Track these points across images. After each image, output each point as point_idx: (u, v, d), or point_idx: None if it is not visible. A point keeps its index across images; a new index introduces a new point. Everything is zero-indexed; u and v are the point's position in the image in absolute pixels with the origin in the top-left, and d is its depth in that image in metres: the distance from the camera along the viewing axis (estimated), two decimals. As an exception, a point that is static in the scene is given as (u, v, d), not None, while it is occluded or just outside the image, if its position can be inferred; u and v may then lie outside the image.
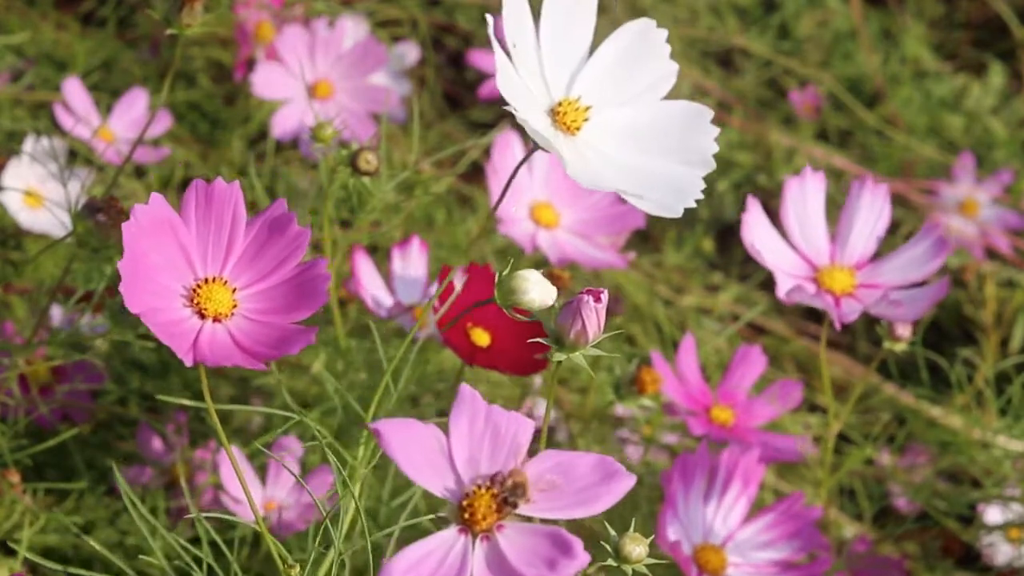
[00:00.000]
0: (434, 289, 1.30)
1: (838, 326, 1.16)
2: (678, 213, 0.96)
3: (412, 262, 1.32)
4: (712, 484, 1.29)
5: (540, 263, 1.49)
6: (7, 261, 1.53)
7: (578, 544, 0.77)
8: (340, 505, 1.07)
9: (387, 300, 1.30)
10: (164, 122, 1.56)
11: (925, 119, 2.04)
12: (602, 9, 1.05)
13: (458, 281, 1.21)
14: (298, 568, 0.90)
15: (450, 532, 0.79)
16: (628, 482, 0.80)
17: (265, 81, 1.62)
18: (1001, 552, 1.56)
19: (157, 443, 1.36)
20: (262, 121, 1.73)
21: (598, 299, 0.89)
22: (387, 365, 1.25)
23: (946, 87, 2.09)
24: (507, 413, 0.82)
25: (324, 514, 0.98)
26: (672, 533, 1.25)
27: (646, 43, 1.03)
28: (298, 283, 0.85)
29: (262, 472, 1.28)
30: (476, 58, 1.78)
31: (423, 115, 1.87)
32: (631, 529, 0.90)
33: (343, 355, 1.30)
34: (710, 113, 1.02)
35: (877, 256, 1.23)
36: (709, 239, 1.87)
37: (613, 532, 0.91)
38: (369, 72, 1.64)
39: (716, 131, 1.01)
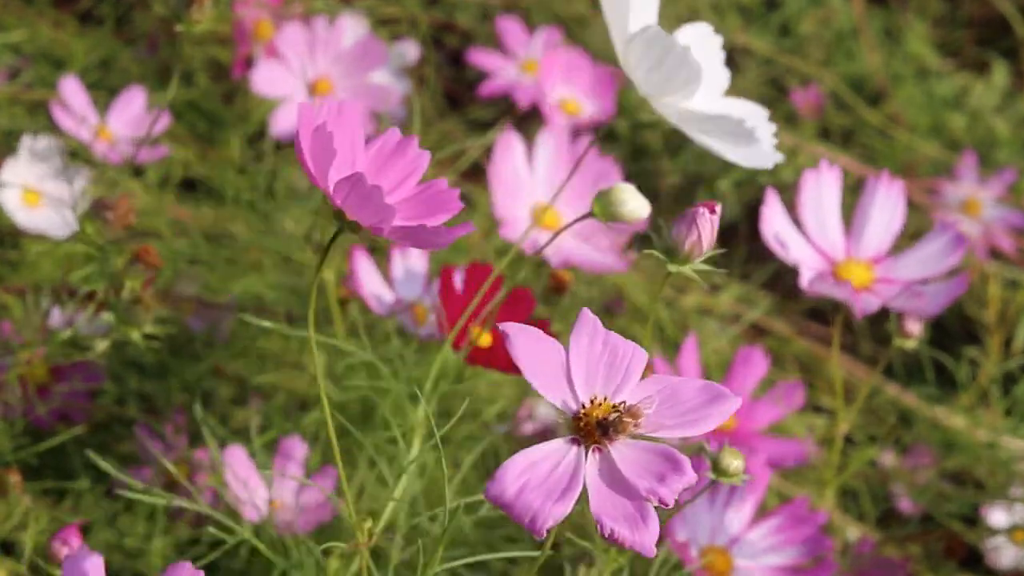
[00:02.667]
0: (434, 288, 1.29)
1: (859, 316, 1.17)
2: (769, 163, 1.01)
3: (412, 261, 1.31)
4: (717, 487, 1.28)
5: (541, 263, 1.48)
6: (5, 261, 1.52)
7: (687, 461, 0.80)
8: (340, 506, 1.06)
9: (387, 299, 1.30)
10: (163, 121, 1.55)
11: (928, 118, 2.04)
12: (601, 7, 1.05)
13: (458, 280, 1.20)
14: (370, 520, 0.92)
15: (564, 441, 0.81)
16: (734, 403, 0.83)
17: (265, 79, 1.61)
18: (1005, 554, 1.55)
19: (156, 444, 1.36)
20: (261, 119, 1.73)
21: (713, 211, 0.93)
22: (387, 365, 1.25)
23: (949, 86, 2.08)
24: (625, 341, 0.85)
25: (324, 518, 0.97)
26: (679, 535, 1.25)
27: (705, 46, 1.08)
28: (425, 197, 0.88)
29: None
30: (476, 57, 1.77)
31: (423, 114, 1.86)
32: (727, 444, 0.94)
33: (343, 355, 1.29)
34: (767, 113, 1.07)
35: (893, 252, 1.24)
36: (710, 239, 1.86)
37: (711, 448, 0.95)
38: (369, 70, 1.64)
39: (773, 127, 1.06)
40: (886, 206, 1.24)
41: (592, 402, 0.82)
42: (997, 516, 1.56)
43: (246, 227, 1.53)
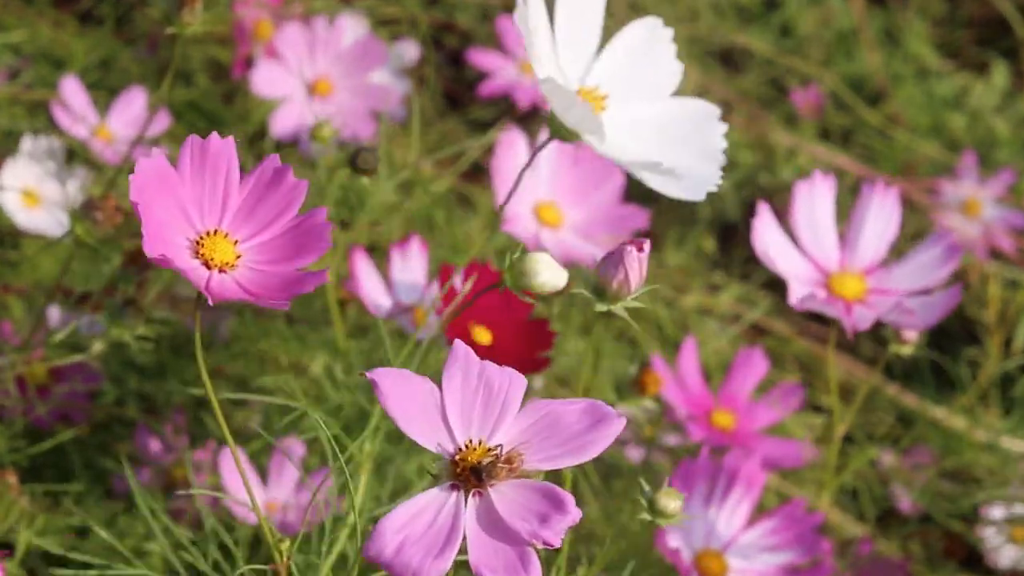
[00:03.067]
0: (434, 289, 1.29)
1: (850, 334, 1.16)
2: (701, 196, 0.98)
3: (412, 262, 1.31)
4: (713, 489, 1.28)
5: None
6: (4, 261, 1.52)
7: (570, 499, 0.77)
8: (342, 501, 1.06)
9: (387, 300, 1.30)
10: (162, 121, 1.55)
11: (928, 118, 2.03)
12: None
13: (458, 280, 1.20)
14: (287, 542, 0.90)
15: (442, 489, 0.79)
16: (617, 425, 0.80)
17: (265, 79, 1.61)
18: (1005, 554, 1.55)
19: (155, 444, 1.36)
20: (261, 120, 1.72)
21: (640, 248, 0.90)
22: (388, 365, 1.25)
23: (949, 86, 2.08)
24: (500, 369, 0.82)
25: (325, 514, 0.98)
26: (673, 538, 1.24)
27: (654, 42, 1.06)
28: (299, 232, 0.85)
29: (262, 473, 1.28)
30: (476, 57, 1.77)
31: (423, 114, 1.86)
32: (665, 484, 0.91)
33: (342, 356, 1.29)
34: (717, 111, 1.04)
35: (887, 261, 1.23)
36: (710, 239, 1.86)
37: (647, 487, 0.92)
38: (369, 70, 1.64)
39: (724, 128, 1.03)
40: (880, 215, 1.24)
41: (468, 445, 0.79)
42: (996, 516, 1.56)
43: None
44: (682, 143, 1.03)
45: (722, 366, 1.61)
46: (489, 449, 0.79)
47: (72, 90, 1.53)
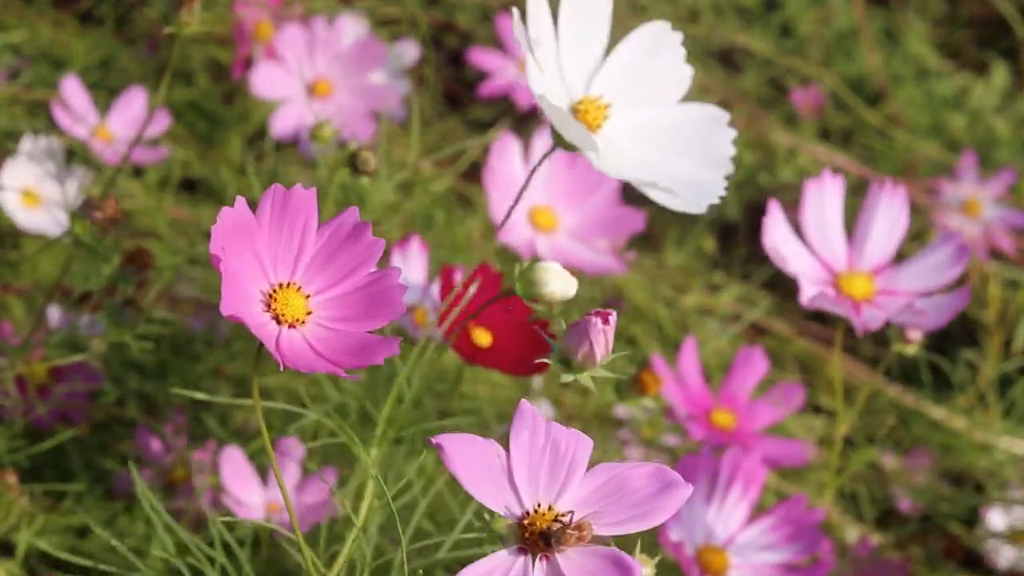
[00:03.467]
0: (434, 289, 1.29)
1: (860, 333, 1.16)
2: (702, 209, 0.96)
3: (412, 262, 1.31)
4: (714, 486, 1.28)
5: (538, 259, 1.48)
6: (4, 261, 1.52)
7: (637, 566, 0.77)
8: (345, 504, 1.06)
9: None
10: (162, 121, 1.55)
11: (927, 118, 2.03)
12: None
13: (460, 281, 1.20)
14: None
15: (510, 552, 0.79)
16: (686, 492, 0.80)
17: (264, 80, 1.61)
18: (1004, 555, 1.55)
19: (156, 444, 1.35)
20: (261, 120, 1.72)
21: (606, 321, 0.88)
22: (387, 366, 1.25)
23: (948, 86, 2.08)
24: (566, 430, 0.81)
25: (333, 516, 0.98)
26: (674, 534, 1.25)
27: (661, 46, 1.04)
28: (371, 292, 0.84)
29: (262, 473, 1.28)
30: (476, 57, 1.77)
31: (422, 114, 1.86)
32: (636, 549, 0.90)
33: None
34: (726, 116, 1.02)
35: (895, 261, 1.23)
36: (710, 239, 1.86)
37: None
38: (368, 71, 1.64)
39: (733, 134, 1.02)
40: (888, 215, 1.23)
41: (536, 509, 0.79)
42: (996, 517, 1.56)
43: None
44: (688, 150, 1.01)
45: (722, 366, 1.61)
46: (558, 515, 0.79)
47: (72, 90, 1.52)
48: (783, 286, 1.84)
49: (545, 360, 0.91)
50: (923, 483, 1.57)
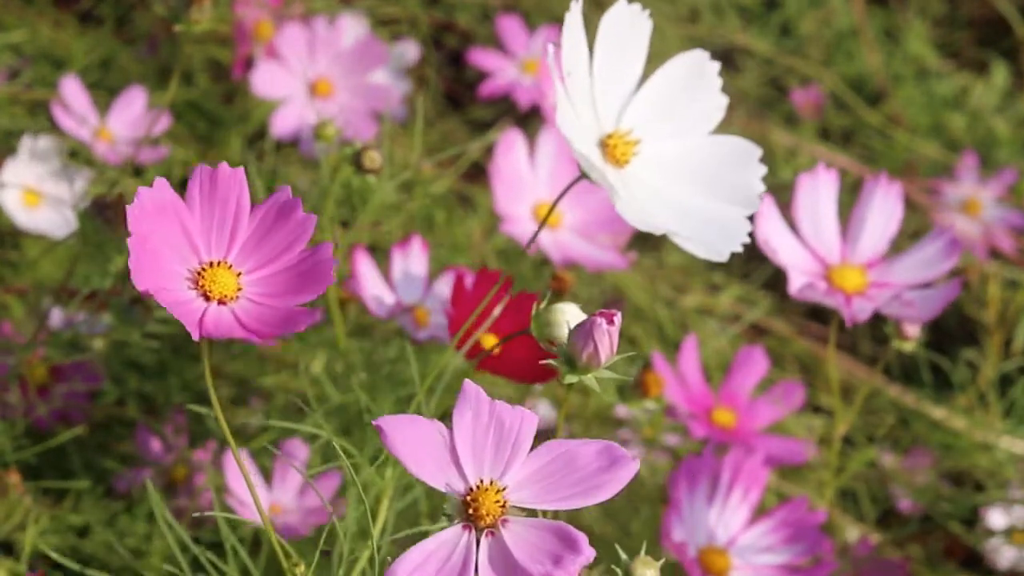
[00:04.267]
0: (435, 289, 1.29)
1: (849, 324, 1.16)
2: (724, 257, 0.95)
3: (413, 262, 1.31)
4: (716, 487, 1.28)
5: (542, 263, 1.48)
6: (5, 261, 1.52)
7: (583, 539, 0.77)
8: (346, 502, 1.06)
9: (388, 300, 1.30)
10: (163, 121, 1.55)
11: (928, 118, 2.03)
12: (601, 7, 1.04)
13: (468, 285, 1.20)
14: (303, 567, 0.90)
15: (454, 529, 0.79)
16: (632, 468, 0.80)
17: (265, 79, 1.61)
18: (1004, 555, 1.55)
19: (156, 444, 1.36)
20: (261, 120, 1.72)
21: (611, 321, 0.88)
22: (387, 366, 1.25)
23: (949, 86, 2.08)
24: (511, 408, 0.82)
25: (330, 517, 0.98)
26: (677, 535, 1.25)
27: (698, 75, 1.02)
28: (304, 268, 0.85)
29: (265, 474, 1.28)
30: (476, 57, 1.77)
31: (423, 114, 1.86)
32: (641, 551, 0.90)
33: (343, 356, 1.29)
34: (758, 151, 1.01)
35: (888, 255, 1.23)
36: (710, 239, 1.86)
37: (624, 555, 0.91)
38: (369, 70, 1.64)
39: (763, 170, 1.00)
40: (883, 209, 1.24)
41: (479, 485, 0.80)
42: (996, 517, 1.56)
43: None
44: (716, 184, 1.00)
45: (722, 366, 1.61)
46: (499, 489, 0.79)
47: (72, 90, 1.52)
48: (783, 286, 1.84)
49: (550, 362, 0.91)
50: (923, 483, 1.57)
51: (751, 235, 1.00)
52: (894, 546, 1.51)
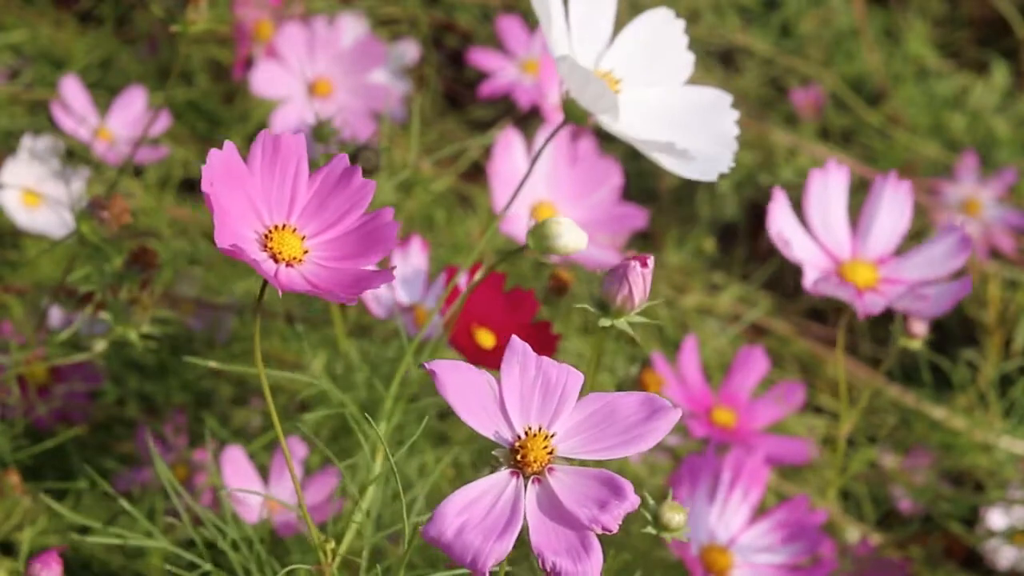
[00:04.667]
0: (435, 289, 1.29)
1: (861, 317, 1.16)
2: (713, 177, 1.00)
3: (412, 261, 1.31)
4: (717, 486, 1.28)
5: (540, 265, 1.48)
6: (4, 261, 1.52)
7: (628, 486, 0.79)
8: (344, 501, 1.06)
9: (388, 300, 1.30)
10: (163, 121, 1.55)
11: (928, 118, 2.03)
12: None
13: (463, 281, 1.20)
14: (332, 542, 0.91)
15: (502, 474, 0.81)
16: (673, 416, 0.82)
17: (265, 79, 1.61)
18: (1004, 555, 1.55)
19: (156, 444, 1.36)
20: (261, 120, 1.72)
21: (644, 264, 0.90)
22: (387, 366, 1.25)
23: (949, 86, 2.08)
24: (558, 364, 0.84)
25: (325, 517, 0.98)
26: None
27: (665, 33, 1.08)
28: (365, 232, 0.86)
29: (263, 472, 1.28)
30: (476, 57, 1.77)
31: (422, 114, 1.86)
32: (669, 498, 0.91)
33: (343, 356, 1.29)
34: (728, 99, 1.06)
35: (899, 252, 1.23)
36: (710, 239, 1.86)
37: (652, 500, 0.92)
38: (369, 70, 1.64)
39: (735, 115, 1.05)
40: (893, 206, 1.24)
41: (527, 432, 0.81)
42: (996, 517, 1.56)
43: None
44: (694, 128, 1.05)
45: (722, 366, 1.61)
46: (547, 436, 0.81)
47: (73, 90, 1.52)
48: (783, 286, 1.84)
49: (582, 306, 0.93)
50: (923, 483, 1.57)
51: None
52: (894, 546, 1.51)
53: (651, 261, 0.90)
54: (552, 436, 0.81)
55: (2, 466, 1.24)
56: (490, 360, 1.15)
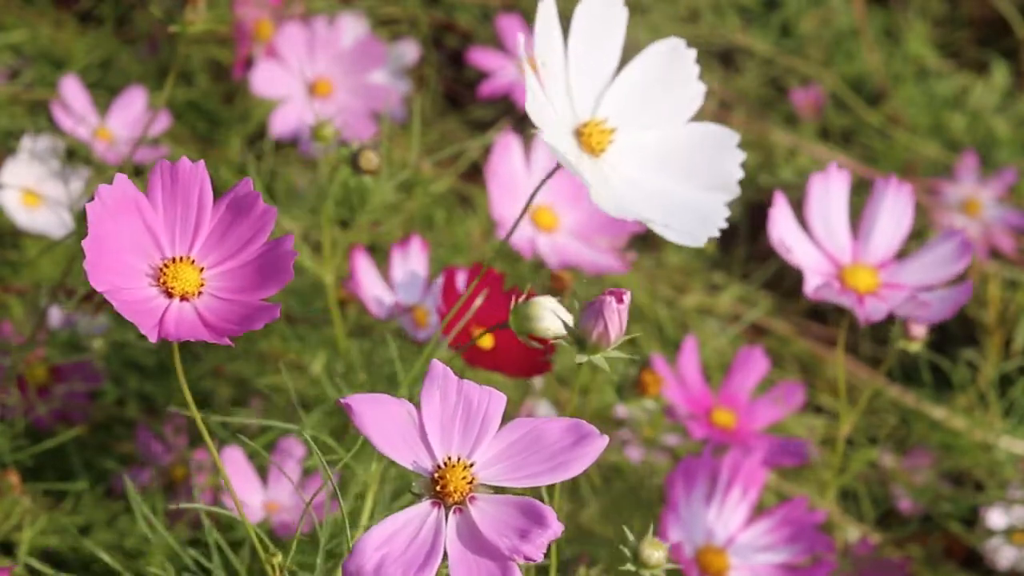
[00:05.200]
0: (434, 289, 1.29)
1: (862, 324, 1.16)
2: (701, 243, 0.96)
3: (412, 262, 1.31)
4: (714, 486, 1.28)
5: (541, 264, 1.48)
6: (4, 261, 1.52)
7: (550, 513, 0.78)
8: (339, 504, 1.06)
9: (387, 300, 1.30)
10: (163, 121, 1.55)
11: (928, 118, 2.03)
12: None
13: (461, 282, 1.20)
14: (279, 556, 0.90)
15: (423, 505, 0.80)
16: (599, 443, 0.81)
17: (265, 79, 1.61)
18: (1004, 555, 1.55)
19: (156, 444, 1.35)
20: (260, 120, 1.72)
21: (620, 300, 0.89)
22: (387, 366, 1.25)
23: (949, 86, 2.08)
24: (479, 387, 0.83)
25: (323, 516, 0.98)
26: (674, 535, 1.25)
27: (675, 63, 1.02)
28: (266, 261, 0.84)
29: (262, 474, 1.28)
30: (476, 57, 1.77)
31: (422, 114, 1.86)
32: (649, 534, 0.90)
33: (342, 356, 1.29)
34: (736, 137, 1.01)
35: (900, 256, 1.23)
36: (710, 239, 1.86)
37: (631, 535, 0.92)
38: (369, 70, 1.64)
39: (742, 156, 1.01)
40: (894, 210, 1.24)
41: (447, 462, 0.80)
42: (996, 517, 1.56)
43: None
44: (694, 172, 1.00)
45: (722, 366, 1.61)
46: (466, 465, 0.80)
47: (72, 90, 1.52)
48: (783, 286, 1.84)
49: (559, 340, 0.91)
50: (923, 483, 1.57)
51: (727, 222, 0.99)
52: (894, 546, 1.51)
53: (627, 297, 0.89)
54: (472, 465, 0.80)
55: (2, 466, 1.24)
56: (488, 360, 1.15)
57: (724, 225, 0.98)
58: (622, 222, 1.46)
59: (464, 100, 1.96)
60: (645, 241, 1.86)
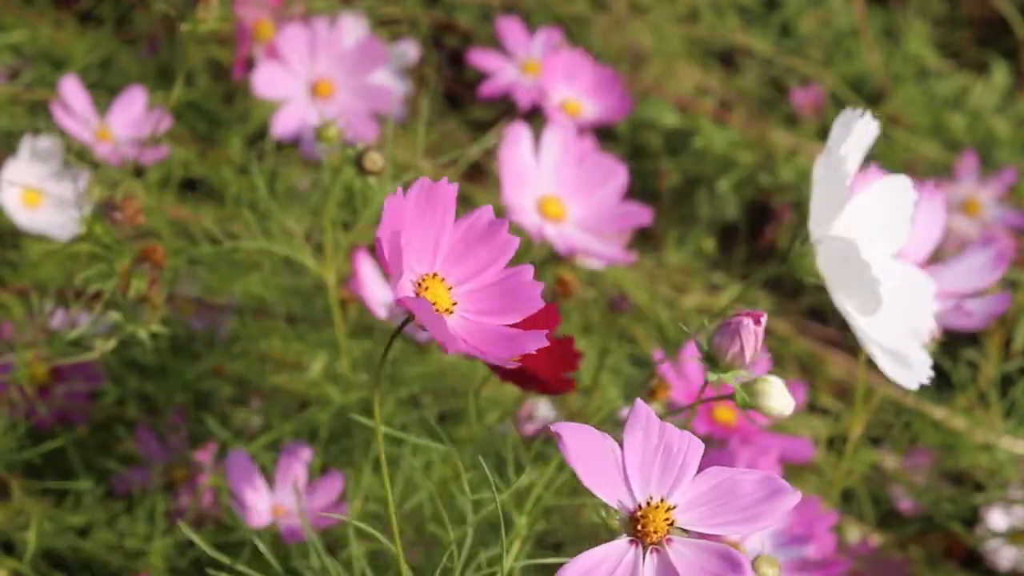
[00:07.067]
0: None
1: None
2: (914, 385, 0.97)
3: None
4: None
5: (545, 260, 1.48)
6: (6, 262, 1.52)
7: (747, 562, 0.79)
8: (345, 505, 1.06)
9: (388, 300, 1.30)
10: (163, 121, 1.55)
11: (928, 118, 2.03)
12: (602, 7, 1.04)
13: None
14: None
15: (621, 542, 0.81)
16: (793, 498, 0.82)
17: (265, 80, 1.61)
18: (1004, 555, 1.56)
19: (156, 444, 1.35)
20: (261, 120, 1.72)
21: (757, 322, 0.90)
22: (388, 366, 1.25)
23: (949, 86, 2.08)
24: (680, 432, 0.84)
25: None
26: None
27: (895, 199, 1.02)
28: (506, 287, 0.85)
29: (267, 475, 1.27)
30: (476, 57, 1.77)
31: (423, 114, 1.86)
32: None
33: (343, 356, 1.29)
34: (932, 286, 1.01)
35: (932, 262, 1.23)
36: (710, 239, 1.86)
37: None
38: (370, 71, 1.64)
39: (934, 307, 1.01)
40: (927, 217, 1.23)
41: (649, 503, 0.82)
42: (996, 517, 1.56)
43: (246, 227, 1.53)
44: (896, 315, 0.99)
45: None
46: (668, 508, 0.82)
47: (73, 90, 1.52)
48: (783, 286, 1.84)
49: (693, 359, 0.92)
50: (923, 483, 1.57)
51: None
52: (894, 546, 1.52)
53: (764, 319, 0.90)
54: (673, 508, 0.82)
55: (4, 466, 1.24)
56: (515, 375, 1.14)
57: (930, 372, 0.98)
58: (628, 215, 1.47)
59: (464, 100, 1.96)
60: (645, 241, 1.86)
